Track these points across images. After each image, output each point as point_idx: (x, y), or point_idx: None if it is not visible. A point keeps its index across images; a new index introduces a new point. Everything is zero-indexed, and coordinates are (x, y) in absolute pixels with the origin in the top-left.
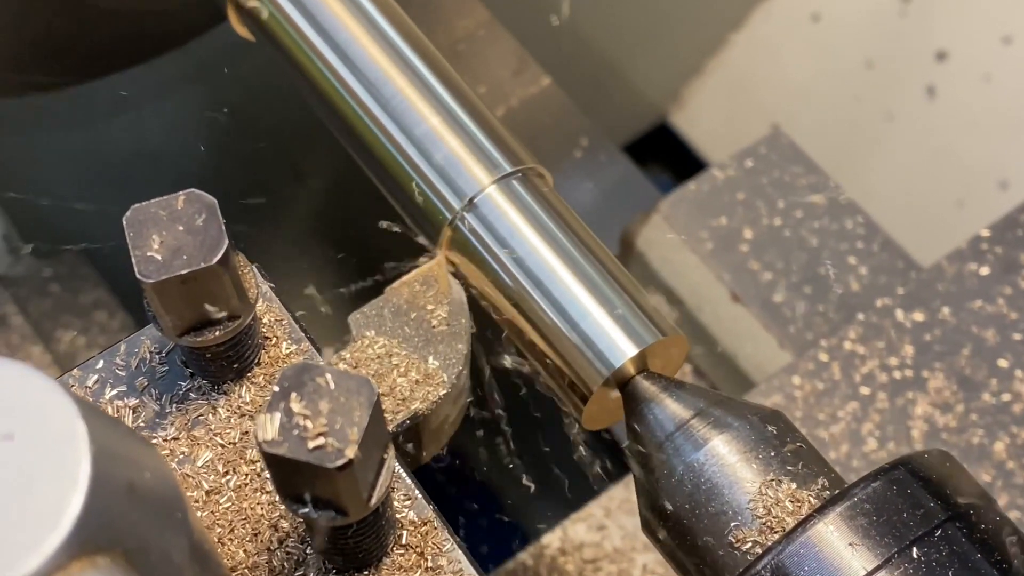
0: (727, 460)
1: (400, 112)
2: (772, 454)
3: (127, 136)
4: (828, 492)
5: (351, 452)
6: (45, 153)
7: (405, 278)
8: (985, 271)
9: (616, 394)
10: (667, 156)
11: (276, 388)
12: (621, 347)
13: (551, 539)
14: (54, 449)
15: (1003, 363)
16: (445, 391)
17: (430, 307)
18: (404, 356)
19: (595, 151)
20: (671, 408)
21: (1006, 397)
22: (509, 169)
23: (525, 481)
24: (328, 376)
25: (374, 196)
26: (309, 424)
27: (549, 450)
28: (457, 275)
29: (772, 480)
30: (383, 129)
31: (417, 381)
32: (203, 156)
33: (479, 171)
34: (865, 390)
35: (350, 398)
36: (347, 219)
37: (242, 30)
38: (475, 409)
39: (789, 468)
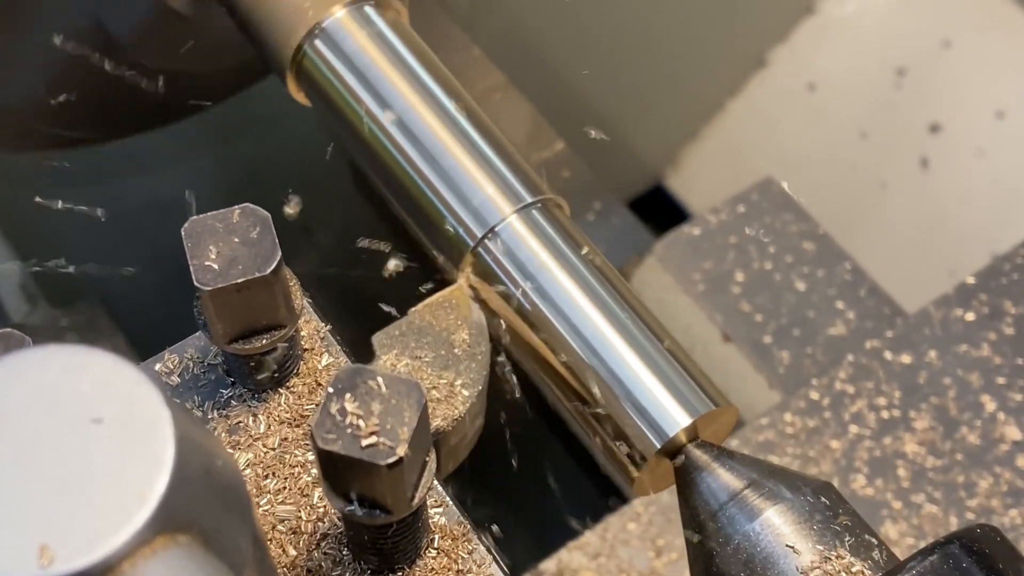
0: (781, 531)
1: (427, 145)
2: (826, 526)
3: (140, 195)
4: (883, 564)
5: (402, 451)
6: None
7: (427, 301)
8: (971, 317)
9: (666, 462)
10: (662, 218)
11: (330, 389)
12: (675, 417)
13: (548, 566)
14: (141, 433)
15: (987, 405)
16: (466, 410)
17: (451, 329)
18: (426, 375)
19: (608, 214)
20: (724, 478)
21: (990, 437)
22: (529, 199)
23: (525, 508)
24: (380, 379)
25: (382, 252)
26: (362, 423)
27: (548, 479)
28: (478, 300)
29: (828, 551)
30: (411, 162)
31: (439, 400)
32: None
33: (501, 201)
34: (854, 428)
35: (400, 400)
36: (355, 274)
37: (299, 96)
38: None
39: (843, 540)
